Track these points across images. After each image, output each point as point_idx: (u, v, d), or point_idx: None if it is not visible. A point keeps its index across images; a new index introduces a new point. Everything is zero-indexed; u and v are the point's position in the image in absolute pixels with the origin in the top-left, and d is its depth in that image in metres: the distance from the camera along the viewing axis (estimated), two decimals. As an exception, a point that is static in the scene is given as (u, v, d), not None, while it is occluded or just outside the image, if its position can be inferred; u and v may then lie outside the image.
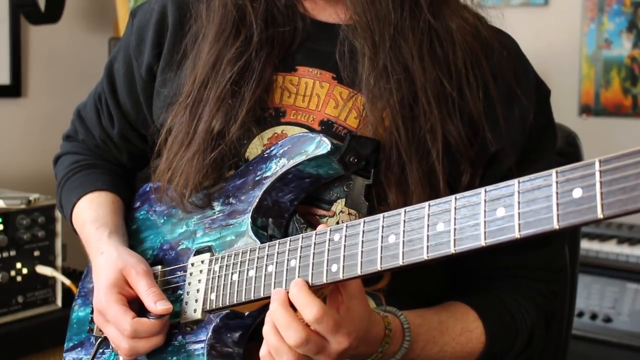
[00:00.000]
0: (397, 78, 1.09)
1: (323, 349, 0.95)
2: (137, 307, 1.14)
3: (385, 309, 1.07)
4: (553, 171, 0.76)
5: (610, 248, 2.63)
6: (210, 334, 1.09)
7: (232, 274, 1.08)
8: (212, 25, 1.18)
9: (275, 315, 0.95)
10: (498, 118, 1.12)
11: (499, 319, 1.15)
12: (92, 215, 1.28)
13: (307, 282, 0.96)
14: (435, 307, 1.15)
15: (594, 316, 2.61)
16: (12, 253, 2.08)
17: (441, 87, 1.10)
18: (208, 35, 1.18)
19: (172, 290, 1.18)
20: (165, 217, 1.26)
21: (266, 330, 0.97)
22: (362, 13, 1.10)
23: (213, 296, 1.10)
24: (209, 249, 1.15)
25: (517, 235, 0.78)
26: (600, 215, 0.71)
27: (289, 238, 1.01)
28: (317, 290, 1.00)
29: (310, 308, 0.92)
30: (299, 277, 0.98)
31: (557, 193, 0.75)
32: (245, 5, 1.17)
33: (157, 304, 1.11)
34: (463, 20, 1.14)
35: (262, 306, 1.07)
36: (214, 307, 1.10)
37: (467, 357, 1.13)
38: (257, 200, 1.11)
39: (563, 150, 1.47)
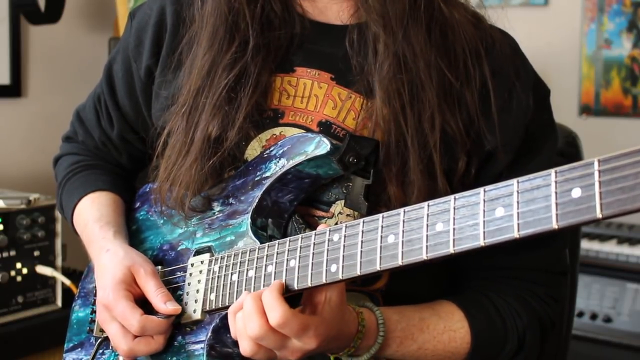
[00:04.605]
0: (407, 66, 1.09)
1: (283, 347, 0.97)
2: (140, 306, 1.14)
3: (363, 304, 1.07)
4: (552, 171, 0.76)
5: (610, 248, 2.63)
6: (210, 334, 1.09)
7: (231, 274, 1.08)
8: (205, 31, 1.17)
9: (245, 303, 0.98)
10: (493, 112, 1.12)
11: (487, 320, 1.14)
12: (95, 214, 1.28)
13: (283, 285, 0.98)
14: (419, 304, 1.14)
15: (594, 316, 2.61)
16: (12, 253, 2.07)
17: (442, 75, 1.10)
18: (202, 40, 1.18)
19: (172, 290, 1.18)
20: (165, 218, 1.25)
21: (239, 314, 0.99)
22: (377, 4, 1.10)
23: (213, 296, 1.10)
24: (208, 250, 1.15)
25: (516, 235, 0.78)
26: (599, 215, 0.71)
27: (288, 238, 1.01)
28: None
29: (274, 313, 0.94)
30: (298, 277, 0.98)
31: (556, 193, 0.75)
32: (241, 9, 1.16)
33: (167, 304, 1.11)
34: (464, 10, 1.15)
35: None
36: (213, 307, 1.10)
37: (450, 357, 1.12)
38: (256, 201, 1.11)
39: (563, 150, 1.47)
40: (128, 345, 1.12)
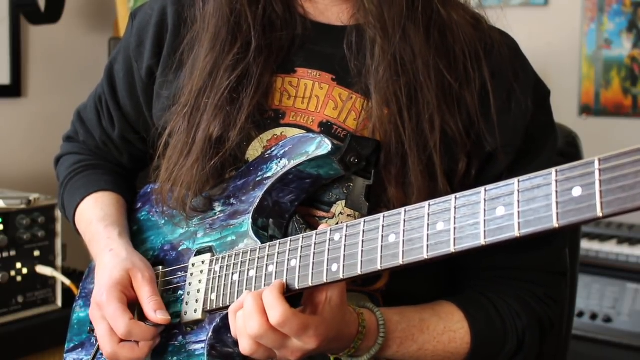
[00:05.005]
0: (404, 68, 1.09)
1: (283, 346, 0.97)
2: (132, 310, 1.14)
3: (364, 305, 1.07)
4: (553, 170, 0.76)
5: (610, 248, 2.63)
6: (210, 334, 1.09)
7: (232, 274, 1.08)
8: (208, 32, 1.17)
9: (245, 302, 0.98)
10: (493, 113, 1.12)
11: (487, 321, 1.14)
12: (99, 214, 1.28)
13: (284, 285, 0.98)
14: (419, 305, 1.14)
15: (594, 316, 2.61)
16: (12, 253, 2.08)
17: (442, 76, 1.10)
18: (204, 41, 1.18)
19: (172, 290, 1.18)
20: (166, 218, 1.26)
21: (239, 312, 0.99)
22: (374, 8, 1.10)
23: (214, 296, 1.10)
24: (209, 250, 1.16)
25: (516, 234, 0.78)
26: (599, 214, 0.72)
27: (289, 238, 1.02)
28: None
29: (274, 311, 0.94)
30: (299, 276, 0.98)
31: (556, 192, 0.75)
32: (243, 11, 1.16)
33: (157, 312, 1.11)
34: (464, 11, 1.15)
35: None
36: (214, 307, 1.10)
37: (450, 358, 1.12)
38: (258, 201, 1.11)
39: (563, 150, 1.47)
40: (112, 347, 1.12)
